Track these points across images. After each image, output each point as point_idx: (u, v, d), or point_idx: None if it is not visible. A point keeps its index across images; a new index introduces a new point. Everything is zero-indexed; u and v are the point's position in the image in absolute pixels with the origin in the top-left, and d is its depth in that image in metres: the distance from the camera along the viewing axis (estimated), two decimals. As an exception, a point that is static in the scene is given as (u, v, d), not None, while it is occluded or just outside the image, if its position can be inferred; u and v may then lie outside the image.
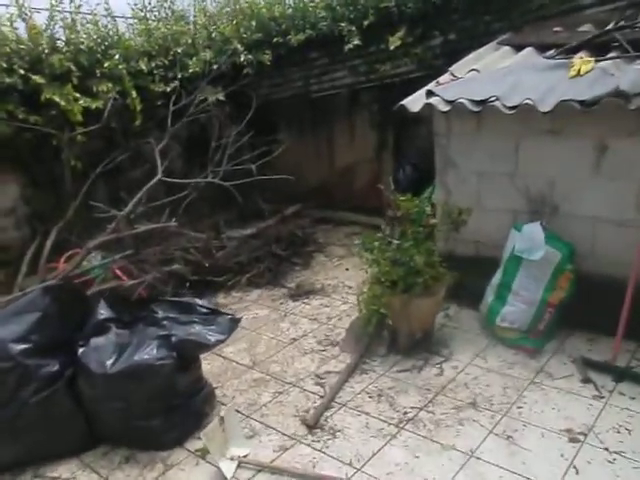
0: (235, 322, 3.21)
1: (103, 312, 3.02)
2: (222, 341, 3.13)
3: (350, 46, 5.69)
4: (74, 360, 2.93)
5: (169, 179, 5.39)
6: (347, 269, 5.52)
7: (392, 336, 3.87)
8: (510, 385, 3.32)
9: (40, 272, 4.92)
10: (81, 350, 2.91)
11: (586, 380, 3.25)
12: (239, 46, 6.28)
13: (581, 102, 3.27)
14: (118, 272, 4.91)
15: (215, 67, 6.18)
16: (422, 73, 5.68)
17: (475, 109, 3.61)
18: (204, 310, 3.22)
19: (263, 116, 6.45)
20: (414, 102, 4.00)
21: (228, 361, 3.91)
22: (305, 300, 4.85)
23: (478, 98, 3.61)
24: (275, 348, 4.06)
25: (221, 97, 6.09)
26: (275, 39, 6.26)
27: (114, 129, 5.59)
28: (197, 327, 3.13)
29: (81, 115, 5.15)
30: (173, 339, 2.99)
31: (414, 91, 4.33)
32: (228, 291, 5.15)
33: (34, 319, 2.87)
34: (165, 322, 3.14)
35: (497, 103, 3.51)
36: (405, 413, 3.17)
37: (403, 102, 4.03)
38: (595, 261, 3.70)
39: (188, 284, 4.92)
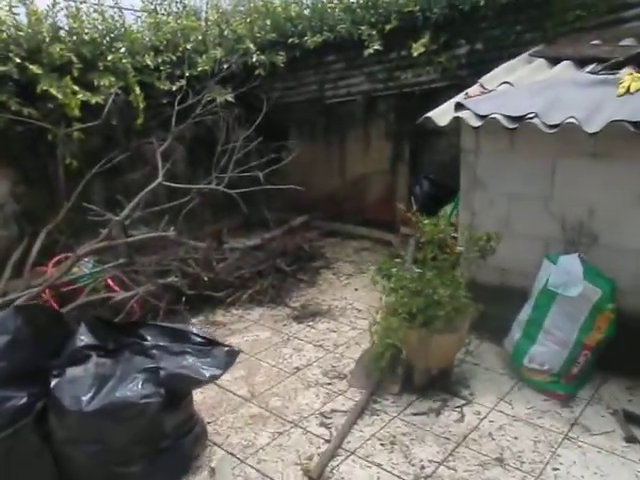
0: (233, 356, 2.83)
1: (83, 338, 2.64)
2: (217, 377, 2.75)
3: (370, 51, 5.35)
4: (46, 392, 2.55)
5: (170, 183, 5.02)
6: (356, 289, 5.14)
7: (406, 372, 3.48)
8: (542, 439, 2.93)
9: (25, 276, 4.55)
10: (54, 381, 2.53)
11: (631, 439, 2.86)
12: (252, 46, 5.95)
13: (635, 124, 2.90)
14: (110, 282, 4.54)
15: (225, 66, 5.85)
16: (445, 83, 5.35)
17: (510, 126, 3.24)
18: (199, 339, 2.84)
19: (273, 120, 6.09)
20: (441, 115, 3.63)
21: (223, 391, 3.52)
22: (310, 323, 4.47)
23: (514, 114, 3.24)
24: (276, 378, 3.67)
25: (230, 98, 5.74)
26: (290, 40, 5.92)
27: (114, 127, 5.23)
28: (190, 359, 2.75)
29: (79, 110, 4.81)
30: (162, 373, 2.61)
31: (435, 102, 3.98)
32: (227, 308, 4.77)
33: (1, 343, 2.50)
34: (154, 351, 2.76)
35: (536, 120, 3.13)
36: (422, 467, 2.79)
37: (429, 114, 3.65)
38: (638, 299, 3.32)
39: (184, 299, 4.54)
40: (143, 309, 4.37)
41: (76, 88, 4.76)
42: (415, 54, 5.07)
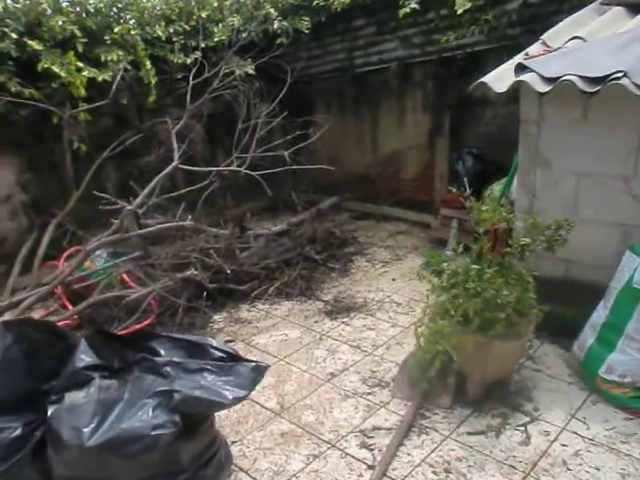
0: (260, 372, 2.40)
1: (84, 357, 2.24)
2: (242, 398, 2.33)
3: (406, 10, 4.76)
4: (43, 419, 2.18)
5: (187, 166, 4.58)
6: (394, 279, 4.65)
7: (459, 382, 3.01)
8: (631, 471, 2.44)
9: (35, 273, 4.21)
10: (52, 409, 2.15)
11: None
12: (272, 11, 5.42)
13: None
14: (125, 277, 4.16)
15: (244, 35, 5.33)
16: (492, 45, 4.74)
17: (589, 89, 2.67)
18: (219, 354, 2.42)
19: (298, 94, 5.58)
20: (498, 80, 3.08)
21: (250, 402, 3.11)
22: (345, 319, 4.02)
23: (594, 74, 2.66)
24: (308, 386, 3.25)
25: (250, 70, 5.23)
26: (315, 3, 5.36)
27: (124, 106, 4.80)
28: (209, 378, 2.33)
29: (85, 89, 4.37)
30: (176, 397, 2.20)
31: (480, 68, 3.45)
32: (253, 302, 4.35)
33: (-12, 366, 2.12)
34: (167, 369, 2.35)
35: (624, 81, 2.56)
36: (486, 505, 2.34)
37: (484, 80, 3.10)
38: None
39: (205, 294, 4.13)
40: (161, 306, 3.98)
41: (81, 65, 4.34)
42: (460, 11, 4.45)
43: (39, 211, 4.70)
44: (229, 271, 4.21)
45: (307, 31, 5.50)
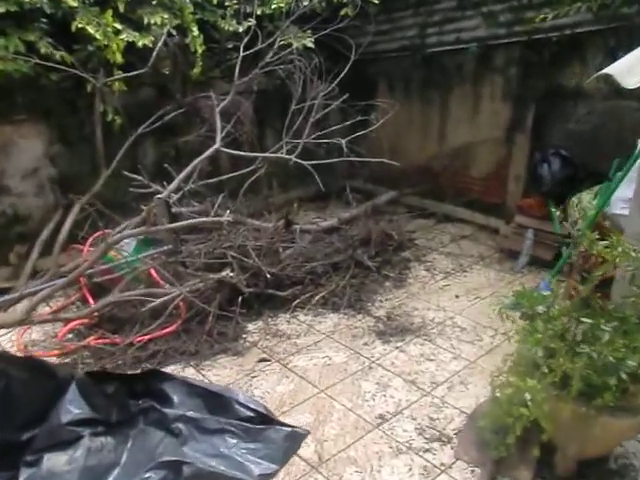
0: (296, 440, 1.87)
1: (72, 408, 1.75)
2: (271, 475, 1.78)
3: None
4: None
5: (231, 150, 4.03)
6: (457, 296, 4.01)
7: (545, 453, 2.38)
8: None
9: (55, 258, 3.78)
10: (25, 474, 1.66)
11: None
12: (339, -23, 4.74)
13: None
14: (154, 273, 3.69)
15: (305, 4, 4.69)
16: (599, 27, 3.95)
17: None
18: (247, 412, 1.88)
19: (360, 73, 4.91)
20: (630, 72, 2.35)
21: (282, 446, 2.58)
22: (399, 343, 3.43)
23: None
24: (353, 432, 2.69)
25: (309, 44, 4.60)
26: (388, -31, 4.65)
27: (166, 77, 4.27)
28: (231, 442, 1.83)
29: (122, 55, 3.86)
30: (185, 470, 1.68)
31: (581, 53, 2.71)
32: (294, 312, 3.81)
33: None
34: (180, 425, 1.85)
35: None
36: None
37: (608, 71, 2.39)
38: None
39: (241, 299, 3.61)
40: (189, 310, 3.49)
41: (119, 27, 3.83)
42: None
43: (67, 188, 4.27)
44: (269, 275, 3.67)
45: (377, 2, 4.81)
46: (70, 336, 3.59)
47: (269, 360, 3.28)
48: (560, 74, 4.34)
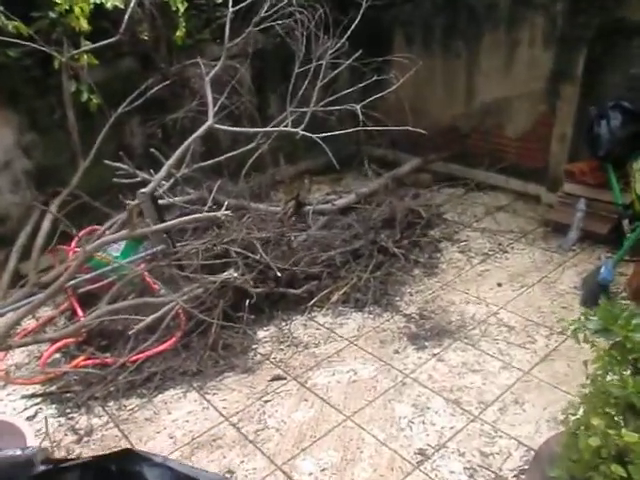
0: None
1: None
2: None
3: None
4: None
5: (226, 127, 3.44)
6: (499, 284, 3.44)
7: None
8: None
9: (33, 266, 3.31)
10: None
11: None
12: None
13: None
14: (147, 277, 3.18)
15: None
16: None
17: None
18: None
19: (371, 24, 4.20)
20: None
21: (303, 498, 2.12)
22: (435, 349, 2.90)
23: None
24: (389, 474, 2.20)
25: (312, -7, 3.89)
26: None
27: (147, 44, 3.65)
28: None
29: (88, 21, 3.24)
30: None
31: None
32: (310, 313, 3.29)
33: None
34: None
35: None
36: None
37: None
38: None
39: (248, 302, 3.10)
40: (189, 321, 3.00)
41: (82, -14, 3.18)
42: None
43: (46, 182, 3.75)
44: (279, 274, 3.13)
45: None
46: (57, 356, 3.13)
47: (284, 378, 2.79)
48: (622, 5, 3.58)
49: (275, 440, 2.40)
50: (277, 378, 2.78)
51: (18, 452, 1.78)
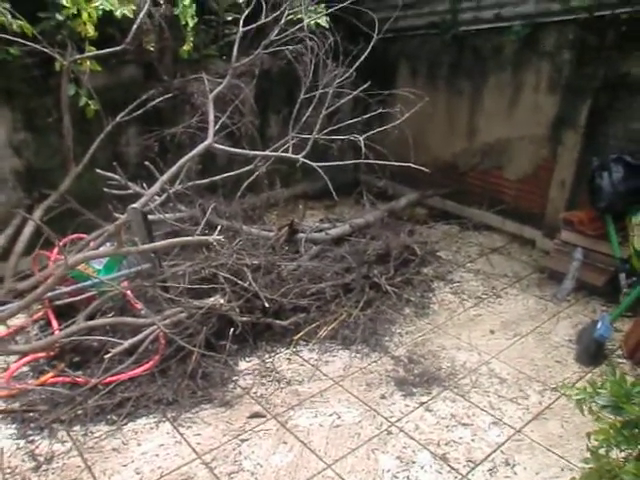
0: None
1: None
2: None
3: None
4: None
5: (226, 147, 3.35)
6: (492, 331, 3.35)
7: None
8: None
9: (9, 273, 3.15)
10: None
11: None
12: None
13: None
14: (129, 294, 3.04)
15: (319, -31, 3.93)
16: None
17: None
18: None
19: (377, 55, 4.15)
20: None
21: None
22: (424, 397, 2.78)
23: None
24: (369, 535, 2.07)
25: (324, 23, 3.85)
26: None
27: (152, 54, 3.56)
28: None
29: (95, 27, 3.15)
30: None
31: None
32: (296, 347, 3.16)
33: None
34: None
35: None
36: None
37: None
38: None
39: (232, 331, 2.96)
40: (168, 346, 2.85)
41: (92, -8, 3.10)
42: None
43: (35, 183, 3.62)
44: (267, 304, 3.01)
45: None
46: (25, 369, 2.96)
47: (264, 416, 2.64)
48: (628, 61, 3.59)
49: (250, 485, 2.26)
50: (256, 415, 2.64)
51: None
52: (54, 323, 3.16)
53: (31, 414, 2.63)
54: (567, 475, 2.22)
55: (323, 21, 3.81)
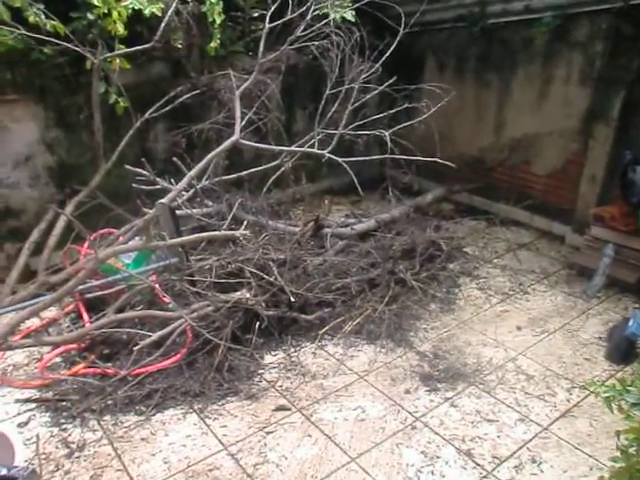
0: None
1: None
2: None
3: None
4: None
5: (252, 143, 3.38)
6: (519, 328, 3.31)
7: None
8: None
9: (42, 266, 3.24)
10: None
11: None
12: None
13: None
14: (158, 288, 3.10)
15: (346, -37, 3.91)
16: None
17: None
18: None
19: (404, 49, 4.13)
20: None
21: None
22: (449, 393, 2.77)
23: None
24: (392, 528, 2.08)
25: (350, 17, 3.84)
26: None
27: (180, 52, 3.61)
28: None
29: (125, 25, 3.20)
30: None
31: None
32: (321, 341, 3.18)
33: None
34: None
35: None
36: None
37: None
38: None
39: (258, 325, 3.00)
40: (195, 340, 2.90)
41: (122, -10, 3.16)
42: None
43: (66, 179, 3.71)
44: (293, 299, 3.04)
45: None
46: (58, 360, 3.05)
47: (289, 409, 2.67)
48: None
49: (275, 477, 2.29)
50: (281, 408, 2.67)
51: (3, 471, 1.69)
52: (85, 316, 3.25)
53: (64, 403, 2.72)
54: (595, 474, 2.19)
55: (349, 15, 3.79)
